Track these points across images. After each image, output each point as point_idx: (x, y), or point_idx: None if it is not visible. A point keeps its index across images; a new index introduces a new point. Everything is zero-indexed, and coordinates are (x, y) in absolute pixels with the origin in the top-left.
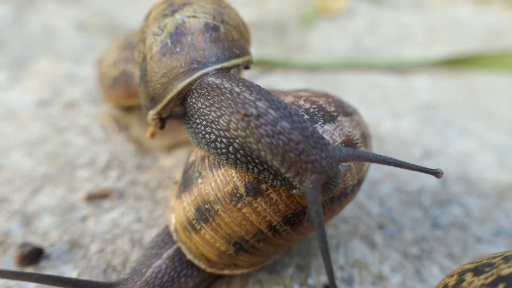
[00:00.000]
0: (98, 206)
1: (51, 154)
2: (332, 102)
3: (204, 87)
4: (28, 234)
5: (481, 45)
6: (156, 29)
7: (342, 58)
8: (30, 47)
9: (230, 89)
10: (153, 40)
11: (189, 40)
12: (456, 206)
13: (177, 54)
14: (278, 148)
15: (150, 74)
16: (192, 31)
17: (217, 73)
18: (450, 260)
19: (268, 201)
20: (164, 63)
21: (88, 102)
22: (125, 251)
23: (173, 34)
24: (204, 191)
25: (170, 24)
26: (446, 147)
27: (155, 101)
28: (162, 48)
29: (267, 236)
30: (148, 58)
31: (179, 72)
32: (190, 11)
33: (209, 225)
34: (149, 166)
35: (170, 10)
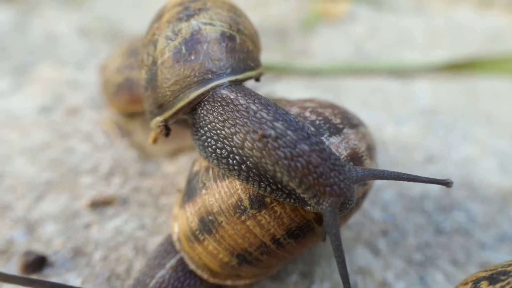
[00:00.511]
0: (102, 213)
1: (54, 161)
2: (338, 114)
3: (218, 100)
4: (32, 242)
5: (483, 49)
6: (169, 33)
7: (343, 63)
8: (32, 53)
9: (246, 106)
10: (166, 44)
11: (205, 49)
12: (459, 212)
13: (191, 62)
14: (297, 171)
15: (160, 80)
16: (208, 40)
17: (231, 86)
18: (454, 267)
19: (272, 214)
20: (177, 70)
21: (91, 108)
22: (129, 258)
23: (188, 40)
24: (208, 202)
25: (186, 30)
26: (449, 152)
27: (163, 108)
28: (176, 54)
29: (271, 248)
30: (159, 62)
31: (193, 81)
32: (206, 18)
33: (213, 237)
34: (152, 172)
35: (185, 14)
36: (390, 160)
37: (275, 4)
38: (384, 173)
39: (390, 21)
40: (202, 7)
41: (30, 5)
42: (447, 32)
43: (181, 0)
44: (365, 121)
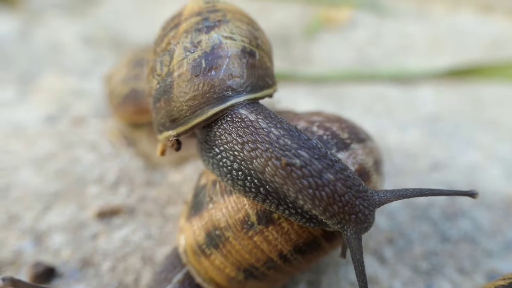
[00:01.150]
0: (109, 223)
1: (60, 171)
2: (346, 128)
3: (236, 121)
4: (40, 253)
5: (485, 55)
6: (188, 44)
7: (346, 70)
8: (37, 62)
9: (267, 130)
10: (184, 56)
11: (226, 64)
12: (465, 220)
13: (212, 78)
14: (322, 201)
15: (176, 93)
16: (230, 55)
17: (249, 105)
18: (461, 275)
19: (279, 230)
20: (196, 85)
21: (96, 117)
22: (136, 269)
23: (208, 54)
24: (215, 217)
25: (206, 43)
26: (453, 159)
27: (177, 123)
28: (195, 68)
29: (278, 264)
30: (175, 74)
31: (212, 97)
32: (227, 31)
33: (219, 251)
34: (158, 181)
35: (205, 25)
36: (394, 168)
37: (277, 11)
38: (406, 192)
39: (393, 27)
40: (222, 19)
41: (34, 15)
42: (450, 38)
43: (199, 9)
44: (368, 128)
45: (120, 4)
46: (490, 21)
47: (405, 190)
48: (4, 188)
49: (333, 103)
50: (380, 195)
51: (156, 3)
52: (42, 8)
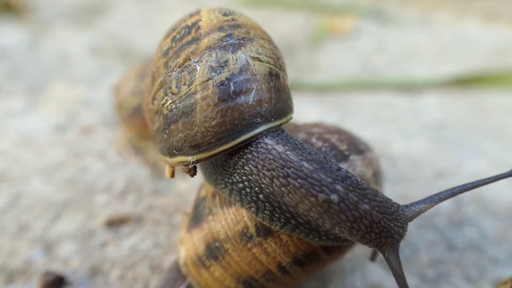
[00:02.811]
0: (117, 232)
1: (69, 180)
2: (345, 140)
3: (262, 151)
4: (50, 262)
5: (490, 63)
6: (213, 63)
7: (351, 78)
8: (45, 72)
9: (299, 164)
10: (209, 76)
11: (255, 89)
12: (471, 228)
13: (241, 103)
14: (359, 231)
15: (200, 118)
16: (258, 78)
17: (274, 133)
18: (468, 283)
19: (278, 242)
20: (223, 110)
21: (104, 126)
22: (145, 277)
23: (237, 76)
24: (214, 229)
25: (234, 64)
26: (459, 167)
27: (199, 149)
28: (223, 91)
29: (277, 276)
30: (198, 96)
31: (241, 124)
32: (253, 51)
33: (219, 263)
34: (166, 190)
35: (230, 43)
36: (399, 176)
37: (282, 21)
38: (433, 199)
39: (397, 36)
40: (246, 36)
41: (42, 26)
42: (454, 46)
43: (218, 23)
44: (373, 136)
45: (127, 15)
46: (495, 29)
47: (432, 198)
48: (14, 198)
49: (338, 111)
50: (411, 209)
51: (162, 13)
52: (50, 19)
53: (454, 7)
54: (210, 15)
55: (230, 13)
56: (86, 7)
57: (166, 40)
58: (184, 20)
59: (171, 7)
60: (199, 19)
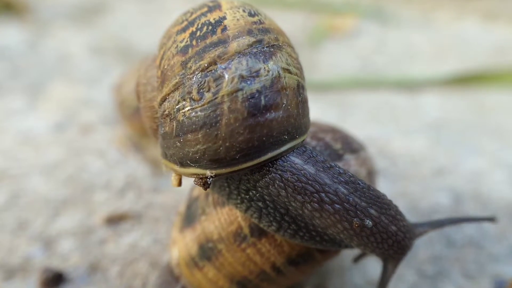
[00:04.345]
0: (117, 229)
1: (69, 178)
2: (339, 139)
3: (293, 172)
4: (49, 259)
5: (489, 62)
6: (244, 72)
7: (351, 77)
8: (45, 72)
9: (334, 188)
10: (239, 87)
11: (285, 103)
12: (470, 225)
13: (271, 120)
14: (382, 249)
15: (226, 131)
16: (288, 92)
17: (300, 150)
18: (467, 280)
19: (272, 242)
20: (252, 125)
21: (104, 124)
22: (144, 273)
23: (268, 89)
24: (207, 229)
25: (265, 75)
26: (458, 166)
27: (220, 164)
28: (253, 106)
29: (271, 276)
30: (225, 107)
31: (268, 141)
32: (283, 61)
33: (212, 264)
34: (166, 187)
35: (261, 51)
36: (399, 174)
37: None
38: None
39: (397, 35)
40: (275, 43)
41: (42, 26)
42: (454, 45)
43: (246, 25)
44: (373, 134)
45: (127, 14)
46: (494, 28)
47: (440, 222)
48: (14, 195)
49: (337, 110)
50: (419, 227)
51: (161, 13)
52: (50, 19)
53: (453, 6)
54: (235, 13)
55: (256, 13)
56: (86, 7)
57: (183, 35)
58: (204, 15)
59: (171, 7)
60: (223, 17)
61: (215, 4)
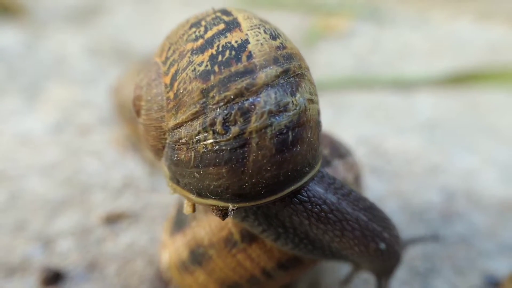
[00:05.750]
0: (115, 228)
1: (67, 178)
2: (327, 145)
3: (316, 203)
4: (48, 258)
5: (484, 62)
6: (273, 107)
7: (346, 77)
8: (42, 73)
9: (355, 216)
10: (268, 123)
11: (309, 136)
12: (461, 222)
13: (296, 154)
14: (385, 266)
15: (253, 167)
16: (311, 124)
17: (319, 179)
18: (457, 276)
19: (262, 247)
20: (279, 161)
21: (102, 125)
22: (142, 272)
23: (295, 124)
24: (198, 235)
25: (293, 109)
26: (451, 164)
27: (244, 198)
28: (282, 142)
29: (261, 280)
30: (253, 143)
31: (293, 175)
32: (307, 91)
33: (203, 268)
34: (163, 187)
35: (288, 81)
36: (393, 172)
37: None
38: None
39: (392, 35)
40: (299, 72)
41: (39, 26)
42: (448, 44)
43: (271, 51)
44: (367, 133)
45: (123, 16)
46: (489, 28)
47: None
48: (12, 196)
49: (332, 109)
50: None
51: (158, 14)
52: (47, 20)
53: (448, 6)
54: (257, 35)
55: (277, 35)
56: (83, 9)
57: (201, 57)
58: (223, 34)
59: (168, 9)
60: (245, 40)
61: (231, 19)
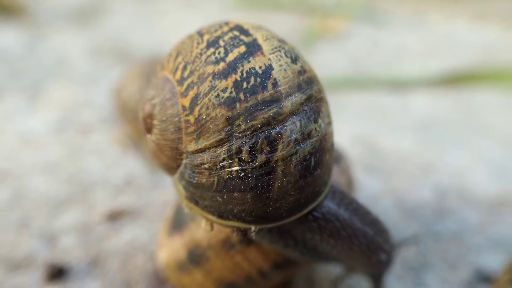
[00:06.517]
0: (117, 225)
1: (69, 177)
2: None
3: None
4: (52, 253)
5: (479, 62)
6: (299, 135)
7: (343, 77)
8: (44, 73)
9: (363, 231)
10: (294, 151)
11: (327, 159)
12: (453, 219)
13: (316, 178)
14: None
15: (277, 193)
16: (329, 147)
17: (332, 195)
18: (449, 271)
19: (259, 249)
20: (302, 187)
21: (103, 124)
22: (144, 267)
23: (317, 149)
24: (197, 236)
25: (316, 136)
26: (444, 162)
27: (266, 220)
28: (306, 168)
29: (257, 280)
30: (279, 171)
31: (312, 196)
32: (326, 115)
33: (201, 269)
34: (165, 185)
35: (311, 109)
36: (387, 171)
37: (275, 22)
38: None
39: (388, 36)
40: (319, 96)
41: (39, 27)
42: (444, 46)
43: (295, 77)
44: (363, 133)
45: (124, 16)
46: (484, 29)
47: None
48: (16, 194)
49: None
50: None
51: (159, 15)
52: (48, 21)
53: (444, 7)
54: (279, 59)
55: (296, 58)
56: (84, 9)
57: (224, 82)
58: (245, 59)
59: (169, 9)
60: (269, 66)
61: (251, 40)
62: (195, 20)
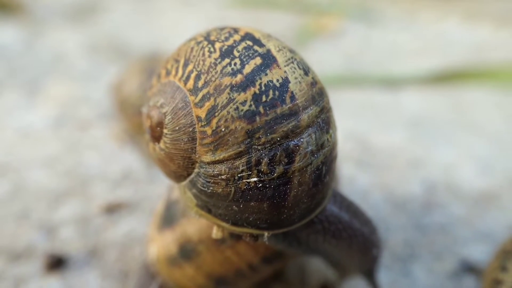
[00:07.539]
0: (115, 217)
1: (67, 170)
2: None
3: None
4: (52, 244)
5: (470, 61)
6: (314, 147)
7: (336, 75)
8: (42, 70)
9: (361, 231)
10: (309, 162)
11: (334, 167)
12: (441, 212)
13: (325, 185)
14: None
15: (292, 202)
16: (336, 154)
17: (334, 198)
18: (436, 261)
19: (249, 243)
20: (314, 194)
21: (100, 120)
22: (140, 258)
23: (328, 158)
24: (188, 231)
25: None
26: (433, 158)
27: (279, 226)
28: (318, 176)
29: (246, 273)
30: (295, 181)
31: (320, 201)
32: (334, 125)
33: (192, 263)
34: (162, 179)
35: (324, 120)
36: (378, 166)
37: (269, 21)
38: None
39: (381, 35)
40: (329, 107)
41: (37, 24)
42: (436, 44)
43: (309, 90)
44: (355, 129)
45: (122, 13)
46: (475, 28)
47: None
48: (16, 187)
49: None
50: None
51: (156, 12)
52: (46, 18)
53: (436, 7)
54: (294, 71)
55: (307, 69)
56: (81, 6)
57: (243, 95)
58: (263, 71)
59: (166, 7)
60: (286, 79)
61: (265, 51)
62: (192, 18)
